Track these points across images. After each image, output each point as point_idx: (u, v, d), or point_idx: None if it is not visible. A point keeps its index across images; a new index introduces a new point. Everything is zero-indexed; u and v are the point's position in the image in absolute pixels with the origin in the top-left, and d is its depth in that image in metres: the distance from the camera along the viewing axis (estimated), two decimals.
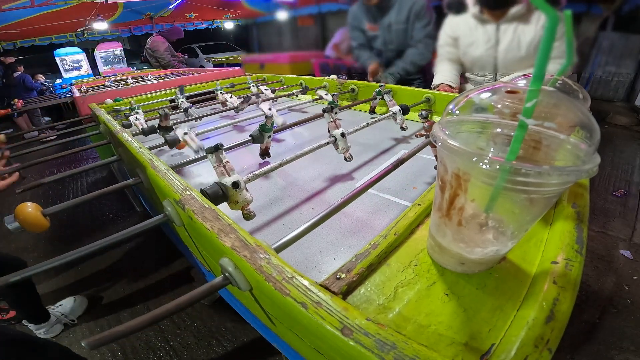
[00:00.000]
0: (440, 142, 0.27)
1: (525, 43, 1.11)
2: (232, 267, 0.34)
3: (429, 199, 0.46)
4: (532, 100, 0.21)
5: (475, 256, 0.33)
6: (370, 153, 0.88)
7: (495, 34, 1.15)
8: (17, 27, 4.50)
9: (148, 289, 1.40)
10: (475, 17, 1.18)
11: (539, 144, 0.26)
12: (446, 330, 0.30)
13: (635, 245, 1.52)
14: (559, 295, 0.29)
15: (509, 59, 1.16)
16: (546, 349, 0.25)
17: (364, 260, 0.36)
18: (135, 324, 0.29)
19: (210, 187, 0.50)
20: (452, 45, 1.28)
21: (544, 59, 0.20)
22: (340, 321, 0.26)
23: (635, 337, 1.07)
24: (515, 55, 1.14)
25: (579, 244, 0.36)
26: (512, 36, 1.12)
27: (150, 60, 3.51)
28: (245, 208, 0.53)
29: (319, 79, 1.61)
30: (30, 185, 0.69)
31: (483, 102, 0.28)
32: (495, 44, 1.17)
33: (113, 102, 1.51)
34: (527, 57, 1.13)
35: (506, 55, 1.16)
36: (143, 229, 0.47)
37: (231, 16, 6.84)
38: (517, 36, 1.12)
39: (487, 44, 1.18)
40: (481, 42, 1.19)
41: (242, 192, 0.51)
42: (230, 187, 0.50)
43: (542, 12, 0.19)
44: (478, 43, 1.20)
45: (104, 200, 2.14)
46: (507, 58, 1.17)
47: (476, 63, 1.25)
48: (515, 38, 1.12)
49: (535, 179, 0.23)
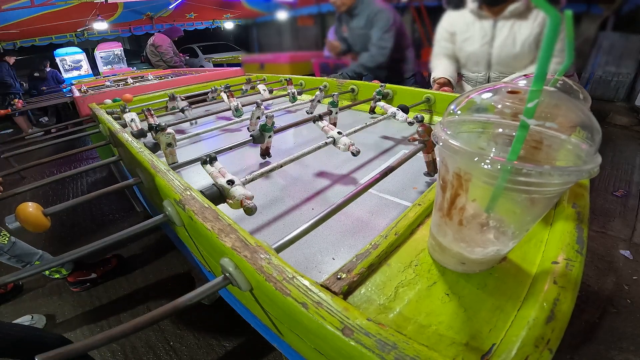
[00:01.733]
0: (442, 142, 0.27)
1: (520, 40, 1.11)
2: (232, 267, 0.34)
3: (429, 199, 0.46)
4: (534, 101, 0.21)
5: (476, 256, 0.33)
6: (370, 153, 0.88)
7: (492, 30, 1.15)
8: (17, 27, 4.50)
9: (148, 289, 1.40)
10: (473, 12, 1.18)
11: (540, 144, 0.25)
12: (447, 330, 0.30)
13: (635, 245, 1.52)
14: (559, 296, 0.29)
15: (503, 55, 1.16)
16: (547, 349, 0.25)
17: (364, 261, 0.36)
18: (135, 324, 0.29)
19: (207, 189, 0.50)
20: (448, 41, 1.28)
21: (546, 59, 0.20)
22: (341, 321, 0.26)
23: (635, 337, 1.07)
24: (510, 52, 1.14)
25: (579, 244, 0.36)
26: (508, 33, 1.12)
27: (151, 59, 3.51)
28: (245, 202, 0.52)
29: (319, 79, 1.61)
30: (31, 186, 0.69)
31: (484, 102, 0.28)
32: (490, 40, 1.16)
33: (113, 102, 1.51)
34: (521, 54, 1.13)
35: (500, 52, 1.16)
36: (143, 229, 0.47)
37: (231, 16, 6.83)
38: (513, 33, 1.12)
39: (482, 40, 1.18)
40: (477, 37, 1.19)
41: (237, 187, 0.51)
42: (226, 185, 0.51)
43: (544, 12, 0.19)
44: (474, 38, 1.20)
45: (104, 200, 2.14)
46: (501, 54, 1.16)
47: (470, 58, 1.25)
48: (511, 35, 1.12)
49: (537, 179, 0.23)
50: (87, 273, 1.40)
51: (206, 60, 6.29)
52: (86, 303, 1.34)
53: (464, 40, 1.23)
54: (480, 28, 1.17)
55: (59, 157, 0.91)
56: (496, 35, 1.15)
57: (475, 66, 1.26)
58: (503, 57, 1.17)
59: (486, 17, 1.15)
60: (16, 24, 4.41)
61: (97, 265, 1.44)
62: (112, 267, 1.47)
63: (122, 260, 1.53)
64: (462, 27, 1.22)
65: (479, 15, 1.17)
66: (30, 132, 3.78)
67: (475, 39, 1.19)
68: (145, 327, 0.30)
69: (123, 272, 1.50)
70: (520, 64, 1.16)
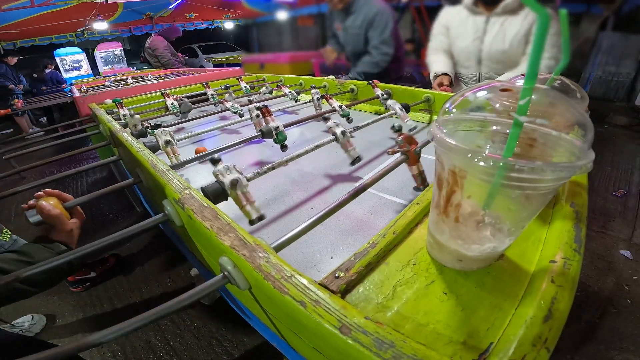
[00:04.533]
0: (437, 139, 0.27)
1: (509, 36, 1.12)
2: (231, 265, 0.34)
3: (427, 199, 0.46)
4: (526, 98, 0.22)
5: (473, 253, 0.33)
6: (369, 153, 0.88)
7: (484, 26, 1.16)
8: (17, 27, 4.51)
9: (148, 288, 1.40)
10: (467, 8, 1.19)
11: (535, 142, 0.26)
12: (444, 329, 0.30)
13: (635, 245, 1.52)
14: (557, 294, 0.29)
15: (493, 51, 1.17)
16: (544, 348, 0.25)
17: (362, 259, 0.36)
18: (135, 323, 0.29)
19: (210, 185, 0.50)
20: (445, 35, 1.29)
21: (537, 57, 0.20)
22: (338, 320, 0.26)
23: (635, 337, 1.07)
24: (499, 47, 1.15)
25: (577, 243, 0.36)
26: (499, 29, 1.14)
27: (150, 60, 3.51)
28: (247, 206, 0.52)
29: (319, 79, 1.61)
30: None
31: (479, 100, 0.28)
32: (481, 35, 1.18)
33: (113, 102, 1.51)
34: (510, 50, 1.14)
35: (490, 48, 1.17)
36: (143, 229, 0.47)
37: (231, 16, 6.84)
38: (503, 29, 1.13)
39: (474, 35, 1.19)
40: (469, 33, 1.20)
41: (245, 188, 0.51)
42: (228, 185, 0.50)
43: (533, 10, 0.19)
44: (466, 34, 1.21)
45: (104, 200, 2.14)
46: (491, 50, 1.17)
47: (462, 54, 1.26)
48: (501, 31, 1.13)
49: (530, 175, 0.23)
50: (86, 272, 1.41)
51: (206, 60, 6.29)
52: (86, 303, 1.35)
53: (456, 36, 1.25)
54: (473, 24, 1.18)
55: (58, 158, 0.91)
56: (487, 31, 1.16)
57: (467, 62, 1.27)
58: (492, 53, 1.18)
59: (480, 12, 1.17)
60: (16, 24, 4.42)
61: (95, 265, 1.46)
62: (110, 266, 1.48)
63: (119, 259, 1.54)
64: (456, 23, 1.24)
65: (473, 11, 1.18)
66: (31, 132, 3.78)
67: (467, 35, 1.21)
68: (145, 326, 0.30)
69: (121, 270, 1.51)
70: (510, 59, 1.17)
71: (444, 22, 1.29)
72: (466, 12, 1.20)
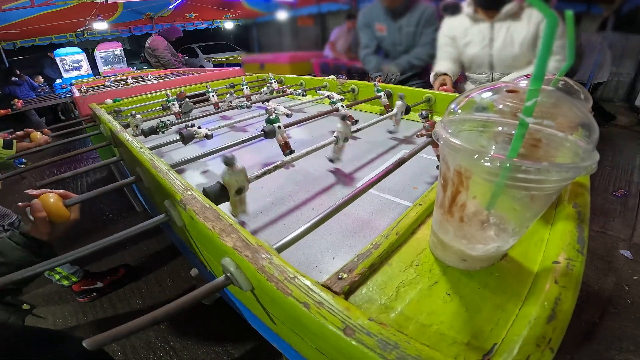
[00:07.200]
0: (443, 140, 0.27)
1: (518, 40, 1.13)
2: (233, 267, 0.34)
3: (430, 199, 0.46)
4: (532, 99, 0.22)
5: (476, 252, 0.33)
6: (370, 153, 0.88)
7: (490, 33, 1.18)
8: (17, 27, 4.50)
9: (148, 289, 1.40)
10: (469, 17, 1.20)
11: (540, 142, 0.26)
12: (448, 329, 0.30)
13: (635, 245, 1.52)
14: (560, 295, 0.29)
15: (504, 56, 1.18)
16: (548, 349, 0.25)
17: (365, 260, 0.36)
18: (136, 324, 0.29)
19: (211, 186, 0.50)
20: (450, 46, 1.30)
21: (544, 59, 0.20)
22: (342, 321, 0.26)
23: (635, 337, 1.07)
24: (510, 52, 1.16)
25: (580, 243, 0.36)
26: (506, 34, 1.15)
27: (150, 60, 3.51)
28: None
29: (319, 79, 1.61)
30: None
31: (484, 101, 0.28)
32: (489, 42, 1.19)
33: (113, 102, 1.51)
34: (521, 54, 1.15)
35: (501, 53, 1.18)
36: (143, 229, 0.47)
37: (231, 16, 6.83)
38: (511, 34, 1.14)
39: (482, 43, 1.20)
40: (476, 41, 1.21)
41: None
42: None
43: (541, 12, 0.19)
44: (473, 42, 1.22)
45: (104, 200, 2.14)
46: (502, 56, 1.19)
47: (473, 62, 1.27)
48: (509, 36, 1.14)
49: (535, 176, 0.23)
50: (93, 282, 1.35)
51: (206, 60, 6.29)
52: (87, 306, 1.34)
53: (464, 45, 1.26)
54: (479, 31, 1.19)
55: (59, 159, 0.91)
56: (494, 37, 1.17)
57: (479, 69, 1.28)
58: (504, 58, 1.19)
59: (482, 20, 1.18)
60: (16, 24, 4.41)
61: (104, 275, 1.40)
62: (119, 277, 1.42)
63: (130, 269, 1.48)
64: (461, 32, 1.25)
65: (475, 19, 1.19)
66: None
67: (475, 43, 1.22)
68: (145, 327, 0.30)
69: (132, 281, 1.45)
70: (521, 63, 1.18)
71: (448, 33, 1.29)
72: (468, 21, 1.21)
